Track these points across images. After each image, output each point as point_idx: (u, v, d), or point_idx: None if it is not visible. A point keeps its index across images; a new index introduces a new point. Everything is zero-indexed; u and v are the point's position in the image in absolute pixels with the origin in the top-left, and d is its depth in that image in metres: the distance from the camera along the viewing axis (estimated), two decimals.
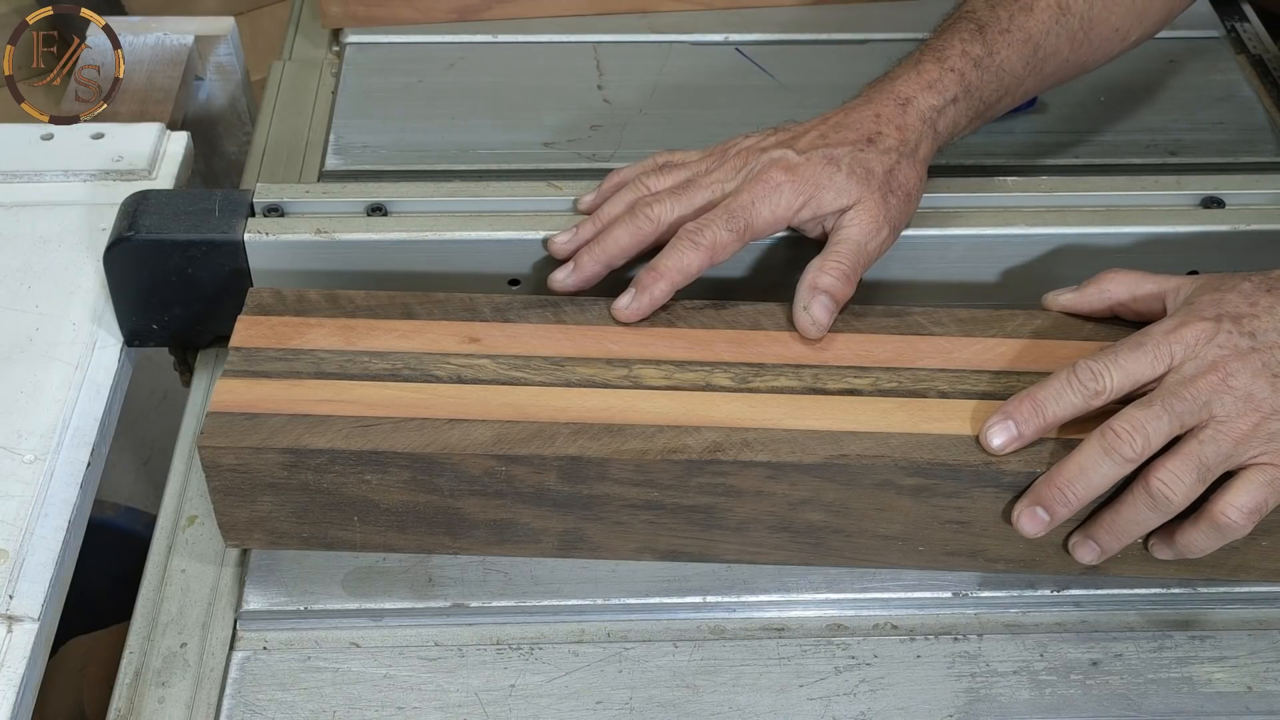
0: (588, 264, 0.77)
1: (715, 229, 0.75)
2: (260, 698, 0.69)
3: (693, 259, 0.75)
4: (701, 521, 0.71)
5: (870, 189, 0.76)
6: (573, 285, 0.77)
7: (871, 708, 0.69)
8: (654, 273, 0.75)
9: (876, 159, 0.77)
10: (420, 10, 1.11)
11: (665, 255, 0.75)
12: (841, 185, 0.76)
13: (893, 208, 0.77)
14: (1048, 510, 0.68)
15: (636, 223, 0.77)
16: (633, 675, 0.70)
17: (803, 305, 0.74)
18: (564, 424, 0.70)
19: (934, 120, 0.80)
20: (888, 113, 0.79)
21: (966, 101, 0.81)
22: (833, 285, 0.74)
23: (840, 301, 0.74)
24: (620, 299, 0.75)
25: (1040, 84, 0.86)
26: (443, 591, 0.73)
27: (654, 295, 0.74)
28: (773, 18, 1.12)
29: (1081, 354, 0.73)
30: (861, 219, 0.76)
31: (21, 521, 0.73)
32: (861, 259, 0.76)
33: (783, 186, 0.76)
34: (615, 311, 0.75)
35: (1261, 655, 0.72)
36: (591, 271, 0.77)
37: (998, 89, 0.82)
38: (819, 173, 0.76)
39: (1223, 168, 0.97)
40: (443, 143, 1.00)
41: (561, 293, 0.78)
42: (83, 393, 0.80)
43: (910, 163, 0.78)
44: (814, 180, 0.76)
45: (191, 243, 0.80)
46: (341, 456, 0.68)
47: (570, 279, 0.77)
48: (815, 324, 0.74)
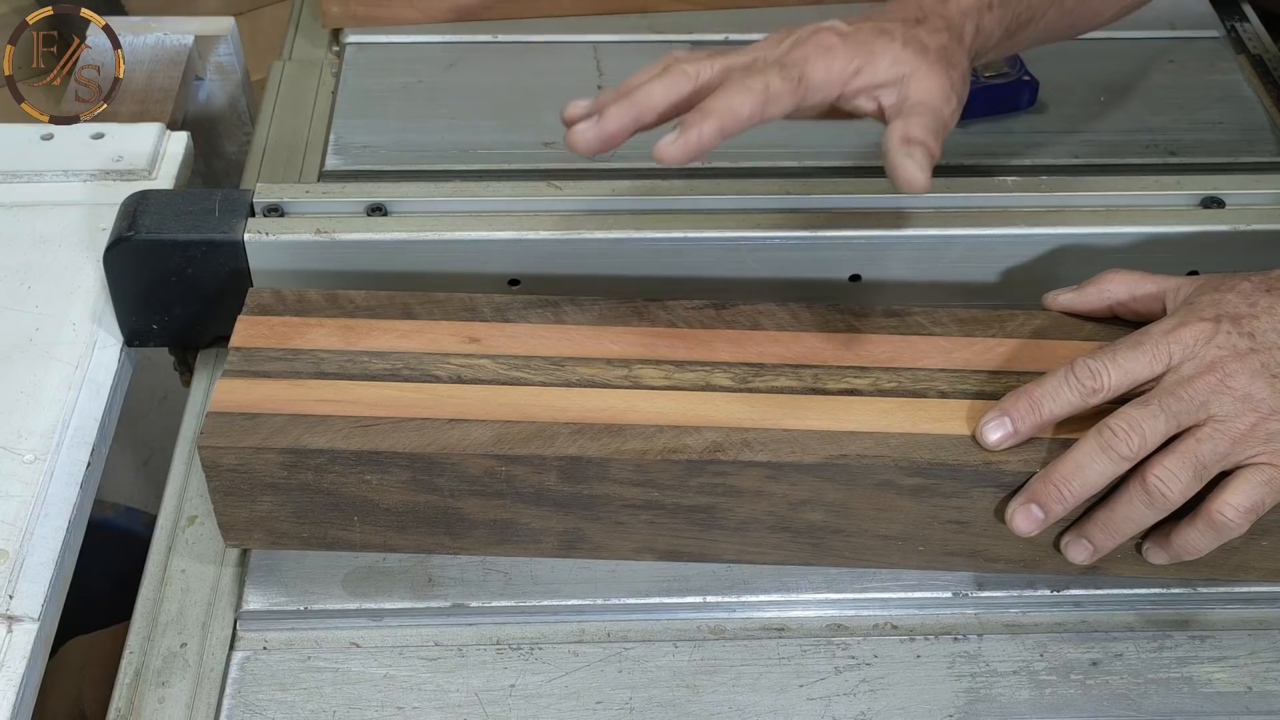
0: (614, 116, 0.69)
1: (769, 75, 0.69)
2: (260, 698, 0.69)
3: (744, 101, 0.68)
4: (701, 521, 0.71)
5: (928, 60, 0.72)
6: (594, 139, 0.69)
7: (871, 708, 0.69)
8: (701, 112, 0.67)
9: (929, 36, 0.73)
10: (420, 10, 1.11)
11: (715, 96, 0.68)
12: (898, 53, 0.71)
13: (956, 81, 0.73)
14: (1043, 508, 0.67)
15: (672, 76, 0.70)
16: (633, 675, 0.70)
17: (904, 154, 0.68)
18: (564, 424, 0.70)
19: (974, 17, 0.76)
20: (930, 4, 0.75)
21: (1001, 10, 0.78)
22: (925, 138, 0.69)
23: (933, 160, 0.69)
24: (664, 137, 0.67)
25: (1060, 19, 0.83)
26: (443, 591, 0.73)
27: (701, 135, 0.67)
28: (773, 18, 1.12)
29: (1081, 354, 0.74)
30: (929, 85, 0.71)
31: (21, 521, 0.73)
32: (939, 123, 0.71)
33: (835, 48, 0.70)
34: (657, 150, 0.67)
35: (1261, 655, 0.72)
36: (619, 124, 0.69)
37: (1028, 7, 0.80)
38: (873, 40, 0.71)
39: (1223, 168, 0.97)
40: (443, 143, 1.00)
41: (583, 149, 0.69)
42: (83, 393, 0.80)
43: (959, 47, 0.74)
44: (868, 46, 0.71)
45: (191, 243, 0.80)
46: (341, 456, 0.68)
47: (591, 132, 0.69)
48: (922, 172, 0.68)
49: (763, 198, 0.83)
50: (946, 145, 0.98)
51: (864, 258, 0.82)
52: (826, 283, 0.83)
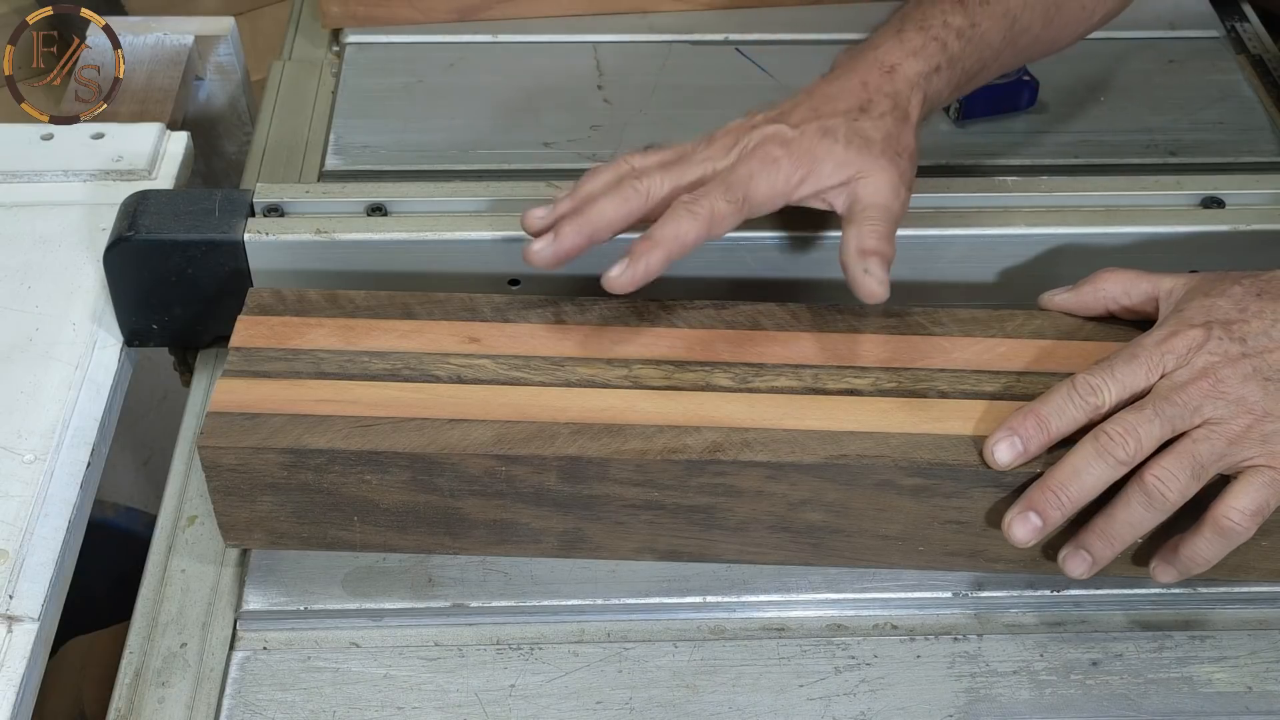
0: (569, 234, 0.72)
1: (713, 199, 0.71)
2: (260, 698, 0.69)
3: (689, 228, 0.71)
4: (701, 521, 0.71)
5: (874, 156, 0.74)
6: (550, 258, 0.72)
7: (871, 708, 0.69)
8: (649, 241, 0.71)
9: (872, 126, 0.74)
10: (420, 10, 1.11)
11: (661, 225, 0.71)
12: (840, 157, 0.73)
13: (904, 169, 0.75)
14: (1041, 515, 0.67)
15: (624, 194, 0.73)
16: (633, 675, 0.70)
17: (862, 269, 0.71)
18: (564, 424, 0.70)
19: (921, 86, 0.77)
20: (874, 80, 0.77)
21: (949, 71, 0.79)
22: (879, 246, 0.72)
23: (889, 263, 0.72)
24: (612, 269, 0.70)
25: (1014, 59, 0.85)
26: (443, 591, 0.73)
27: (649, 264, 0.70)
28: (773, 18, 1.12)
29: (1081, 354, 0.74)
30: (878, 183, 0.73)
31: (21, 521, 0.73)
32: (891, 221, 0.73)
33: (780, 161, 0.73)
34: (607, 281, 0.70)
35: (1261, 655, 0.72)
36: (572, 244, 0.72)
37: (978, 61, 0.81)
38: (816, 145, 0.73)
39: (1223, 168, 0.97)
40: (443, 143, 1.00)
41: (538, 265, 0.72)
42: (83, 393, 0.80)
43: (905, 127, 0.76)
44: (811, 153, 0.73)
45: (191, 243, 0.80)
46: (341, 456, 0.68)
47: (548, 251, 0.72)
48: (880, 283, 0.71)
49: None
50: (946, 145, 0.99)
51: None
52: (826, 283, 0.83)
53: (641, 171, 0.74)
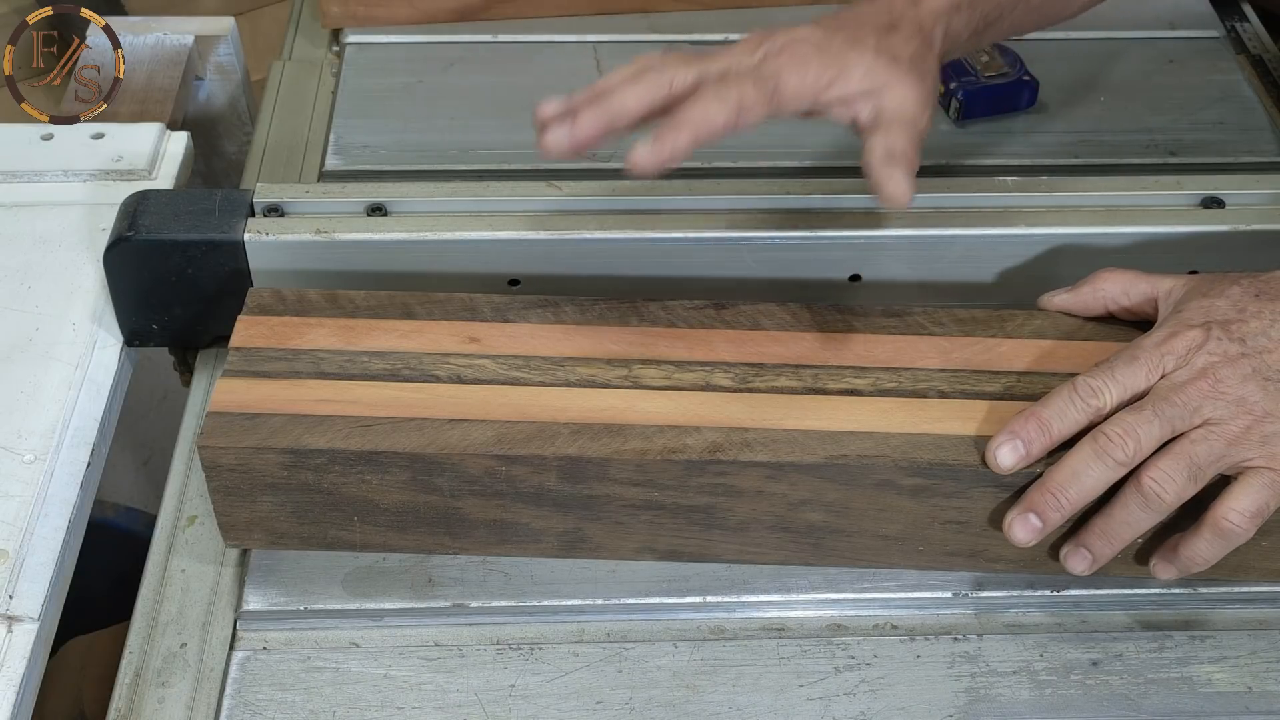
0: (587, 120, 0.69)
1: (742, 86, 0.69)
2: (260, 698, 0.69)
3: (717, 111, 0.68)
4: (701, 521, 0.71)
5: (900, 70, 0.72)
6: (568, 145, 0.69)
7: (871, 708, 0.69)
8: (674, 122, 0.68)
9: (900, 44, 0.73)
10: (420, 10, 1.11)
11: (688, 106, 0.69)
12: (870, 65, 0.72)
13: (929, 88, 0.74)
14: (1040, 516, 0.67)
15: (646, 80, 0.70)
16: (633, 675, 0.70)
17: (886, 174, 0.69)
18: (564, 424, 0.70)
19: (944, 20, 0.76)
20: (900, 6, 0.75)
21: (969, 12, 0.78)
22: (906, 150, 0.70)
23: (914, 171, 0.70)
24: (636, 148, 0.68)
25: (1026, 15, 0.84)
26: (443, 591, 0.73)
27: (675, 145, 0.68)
28: (772, 18, 1.12)
29: (1082, 354, 0.74)
30: (904, 95, 0.72)
31: (21, 521, 0.73)
32: (916, 134, 0.71)
33: (810, 59, 0.71)
34: (631, 158, 0.68)
35: (1261, 655, 0.72)
36: (591, 129, 0.69)
37: (996, 6, 0.80)
38: (846, 51, 0.72)
39: (1223, 168, 0.97)
40: (443, 143, 1.00)
41: (555, 154, 0.69)
42: (83, 393, 0.80)
43: (930, 53, 0.75)
44: (842, 57, 0.72)
45: (191, 243, 0.80)
46: (341, 456, 0.68)
47: (565, 137, 0.69)
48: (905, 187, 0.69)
49: (763, 198, 0.83)
50: (946, 145, 0.99)
51: (864, 258, 0.82)
52: (826, 283, 0.83)
53: (665, 63, 0.71)
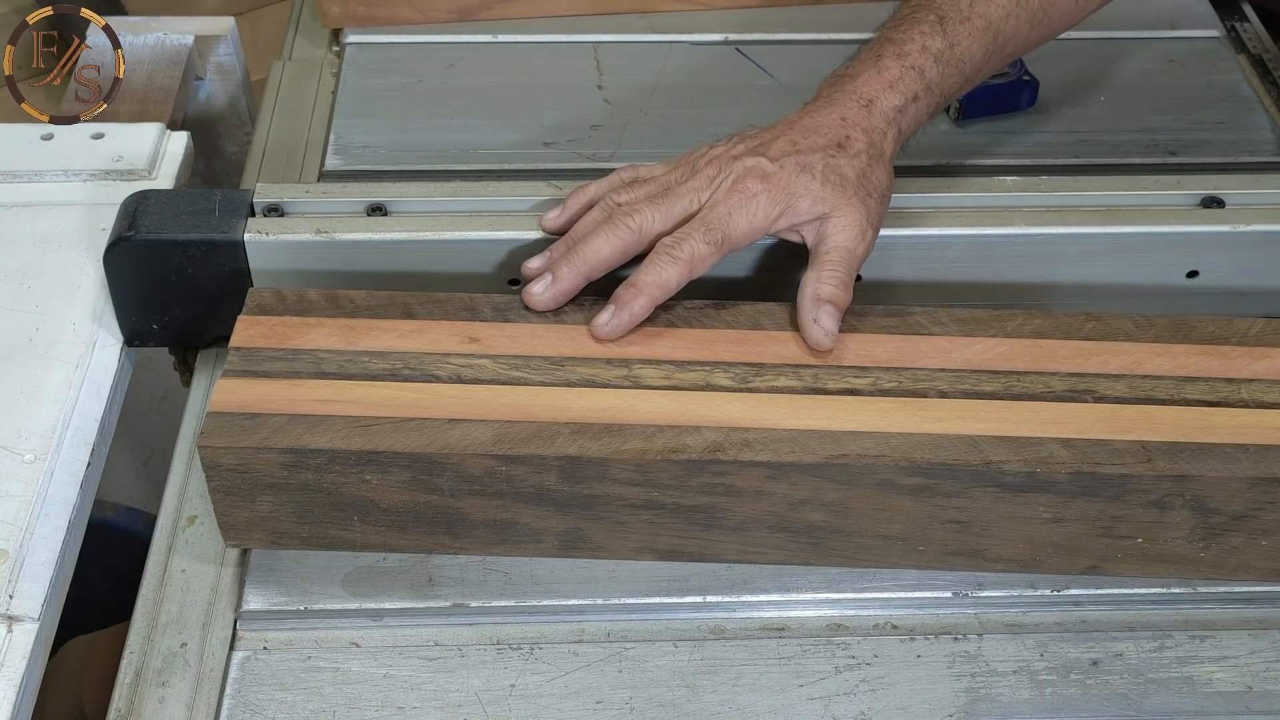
0: (566, 275, 0.75)
1: (693, 242, 0.75)
2: (260, 698, 0.69)
3: (671, 273, 0.74)
4: (701, 521, 0.71)
5: (846, 195, 0.76)
6: (550, 300, 0.76)
7: (871, 708, 0.69)
8: (633, 289, 0.74)
9: (848, 164, 0.77)
10: (420, 10, 1.11)
11: (643, 271, 0.75)
12: (817, 193, 0.76)
13: (872, 210, 0.77)
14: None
15: (617, 232, 0.76)
16: (633, 675, 0.70)
17: (812, 319, 0.74)
18: (564, 424, 0.70)
19: (897, 120, 0.79)
20: (853, 115, 0.78)
21: (928, 98, 0.80)
22: (834, 294, 0.74)
23: (843, 309, 0.75)
24: (599, 316, 0.74)
25: (999, 64, 0.86)
26: (443, 591, 0.73)
27: (634, 311, 0.74)
28: (773, 18, 1.12)
29: (1081, 353, 0.74)
30: (845, 225, 0.76)
31: (21, 521, 0.73)
32: (853, 265, 0.76)
33: (759, 196, 0.76)
34: (594, 329, 0.74)
35: (1261, 655, 0.72)
36: (570, 284, 0.75)
37: (959, 80, 0.82)
38: (794, 181, 0.76)
39: (1223, 168, 0.97)
40: (443, 143, 1.00)
41: (538, 308, 0.76)
42: (83, 393, 0.80)
43: (879, 164, 0.78)
44: (789, 189, 0.76)
45: (191, 243, 0.80)
46: (341, 456, 0.68)
47: (547, 293, 0.75)
48: (828, 334, 0.74)
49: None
50: (946, 145, 1.00)
51: None
52: None
53: (631, 208, 0.77)
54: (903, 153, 0.81)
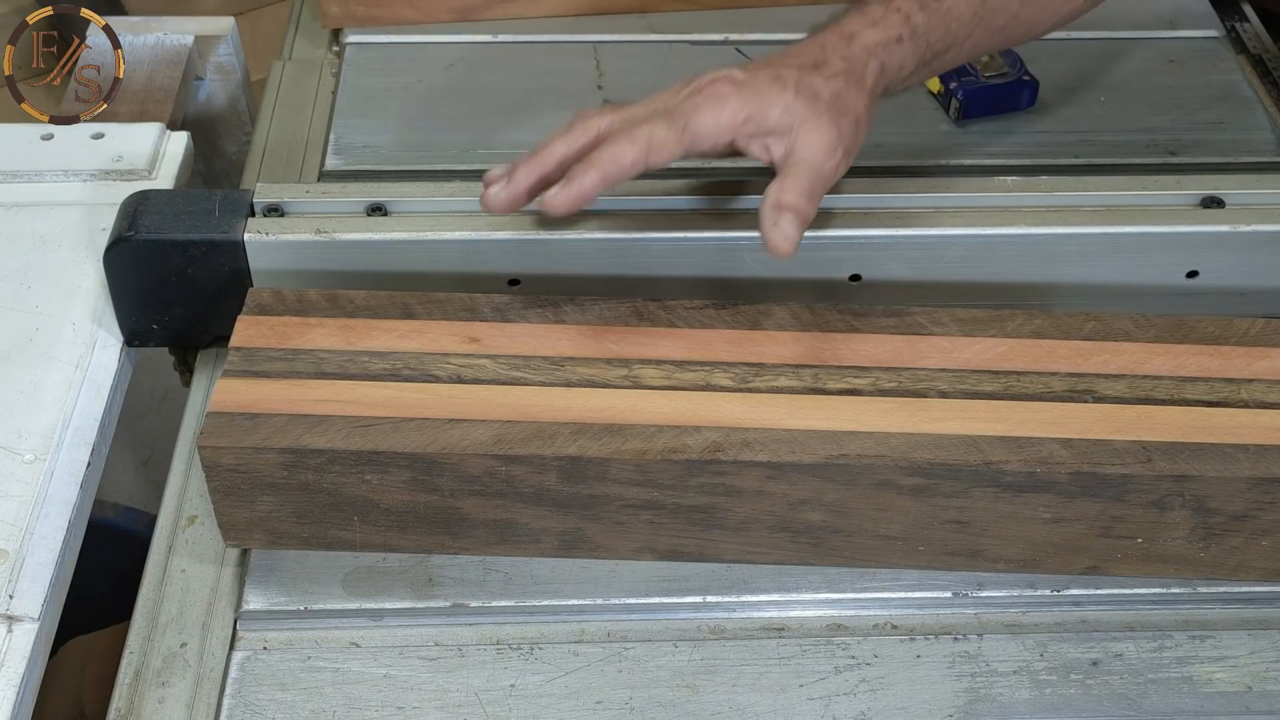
0: (521, 175, 0.74)
1: (653, 125, 0.73)
2: (260, 698, 0.69)
3: (626, 151, 0.72)
4: (701, 521, 0.71)
5: (818, 110, 0.74)
6: (505, 200, 0.74)
7: (871, 708, 0.69)
8: (585, 163, 0.72)
9: (823, 83, 0.75)
10: (420, 10, 1.11)
11: (599, 148, 0.73)
12: (789, 103, 0.74)
13: (844, 131, 0.75)
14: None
15: (572, 132, 0.75)
16: (633, 675, 0.70)
17: (771, 222, 0.72)
18: (564, 424, 0.70)
19: (879, 54, 0.78)
20: (832, 43, 0.77)
21: (912, 43, 0.79)
22: (796, 203, 0.72)
23: (805, 221, 0.72)
24: (549, 190, 0.72)
25: (989, 38, 0.85)
26: (443, 591, 0.73)
27: (583, 186, 0.72)
28: (773, 18, 1.12)
29: (1081, 353, 0.74)
30: (814, 140, 0.74)
31: (21, 521, 0.73)
32: (819, 181, 0.74)
33: (728, 97, 0.74)
34: (543, 201, 0.72)
35: (1261, 655, 0.72)
36: (525, 183, 0.74)
37: (945, 36, 0.81)
38: (766, 89, 0.74)
39: (1223, 168, 0.97)
40: (443, 143, 1.00)
41: (494, 209, 0.75)
42: (83, 393, 0.80)
43: (858, 90, 0.76)
44: (760, 94, 0.74)
45: (191, 243, 0.80)
46: (341, 456, 0.68)
47: (503, 193, 0.74)
48: (787, 239, 0.71)
49: (763, 198, 0.82)
50: (946, 145, 0.99)
51: (864, 258, 0.82)
52: (826, 283, 0.83)
53: (593, 114, 0.76)
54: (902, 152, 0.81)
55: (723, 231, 0.81)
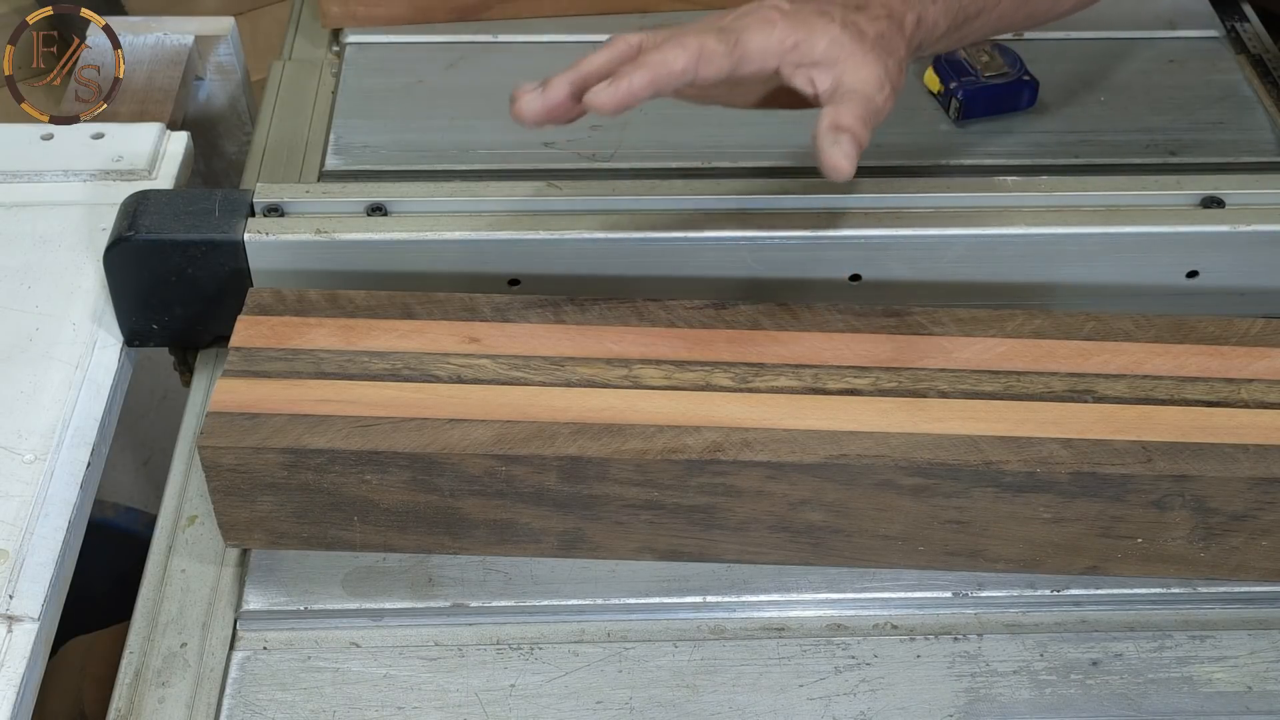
0: (558, 84, 0.71)
1: (706, 35, 0.71)
2: (260, 698, 0.69)
3: (677, 55, 0.70)
4: (701, 521, 0.71)
5: (864, 46, 0.73)
6: (539, 108, 0.71)
7: (871, 708, 0.69)
8: (635, 64, 0.70)
9: (868, 23, 0.74)
10: (420, 10, 1.11)
11: (651, 50, 0.71)
12: (836, 36, 0.73)
13: (890, 69, 0.74)
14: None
15: (614, 45, 0.72)
16: (633, 675, 0.70)
17: (831, 140, 0.70)
18: (564, 424, 0.70)
19: (917, 7, 0.77)
20: None
21: (946, 2, 0.79)
22: (853, 125, 0.70)
23: (862, 146, 0.71)
24: (597, 86, 0.70)
25: (1014, 10, 0.84)
26: (443, 591, 0.73)
27: (632, 85, 0.69)
28: None
29: (1081, 353, 0.74)
30: (864, 72, 0.72)
31: (21, 521, 0.73)
32: (871, 110, 0.72)
33: (776, 22, 0.72)
34: (590, 97, 0.70)
35: (1261, 655, 0.72)
36: (560, 93, 0.71)
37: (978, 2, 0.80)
38: (813, 19, 0.73)
39: (1223, 168, 0.97)
40: (443, 143, 1.00)
41: (528, 120, 0.72)
42: (83, 393, 0.80)
43: (899, 35, 0.76)
44: (808, 24, 0.73)
45: (191, 243, 0.80)
46: (341, 456, 0.68)
47: (537, 101, 0.71)
48: (848, 157, 0.70)
49: (763, 198, 0.83)
50: (946, 145, 0.99)
51: (864, 258, 0.82)
52: (826, 283, 0.83)
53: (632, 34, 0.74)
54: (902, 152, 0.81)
55: (723, 231, 0.81)
